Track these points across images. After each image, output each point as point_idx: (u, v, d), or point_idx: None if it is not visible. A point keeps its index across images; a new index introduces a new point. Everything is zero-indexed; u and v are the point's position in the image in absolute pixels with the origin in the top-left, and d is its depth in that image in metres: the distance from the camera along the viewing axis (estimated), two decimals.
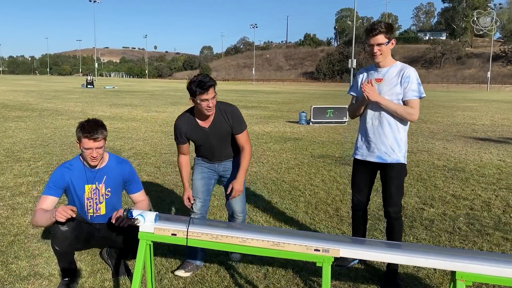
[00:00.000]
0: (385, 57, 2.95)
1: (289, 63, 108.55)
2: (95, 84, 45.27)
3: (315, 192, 5.36)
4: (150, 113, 15.52)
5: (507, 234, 4.05)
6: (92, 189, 2.83)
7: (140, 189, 3.05)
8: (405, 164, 3.05)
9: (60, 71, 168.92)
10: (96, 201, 2.85)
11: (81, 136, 2.68)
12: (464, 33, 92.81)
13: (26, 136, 9.48)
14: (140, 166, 6.68)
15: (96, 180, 2.83)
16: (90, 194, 2.83)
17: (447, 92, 50.42)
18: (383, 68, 2.98)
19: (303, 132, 11.51)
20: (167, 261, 3.31)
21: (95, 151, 2.71)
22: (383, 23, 2.91)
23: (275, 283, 3.01)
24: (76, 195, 2.81)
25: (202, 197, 3.22)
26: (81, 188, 2.81)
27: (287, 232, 2.32)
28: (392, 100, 2.92)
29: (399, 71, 2.94)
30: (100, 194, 2.85)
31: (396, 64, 2.98)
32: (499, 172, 6.74)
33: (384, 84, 2.95)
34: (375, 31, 2.87)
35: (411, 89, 2.90)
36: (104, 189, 2.86)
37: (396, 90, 2.92)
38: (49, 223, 2.58)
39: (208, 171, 3.25)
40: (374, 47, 2.90)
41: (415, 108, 2.90)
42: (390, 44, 2.93)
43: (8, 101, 20.24)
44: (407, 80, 2.90)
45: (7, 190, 5.14)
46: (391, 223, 3.09)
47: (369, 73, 3.08)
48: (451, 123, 14.23)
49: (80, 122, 2.73)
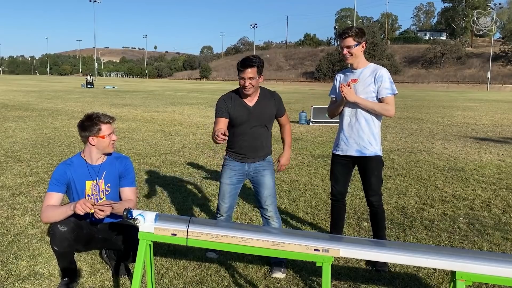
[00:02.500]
0: (356, 59, 3.19)
1: (289, 63, 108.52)
2: (95, 84, 45.26)
3: (315, 192, 5.36)
4: (150, 113, 15.52)
5: (507, 234, 4.05)
6: (93, 185, 2.83)
7: (131, 185, 2.96)
8: (382, 156, 3.32)
9: (60, 71, 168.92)
10: (96, 197, 2.85)
11: (101, 126, 2.76)
12: (464, 33, 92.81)
13: (26, 136, 9.49)
14: (140, 166, 6.68)
15: (97, 175, 2.84)
16: (91, 191, 2.83)
17: (447, 92, 50.42)
18: (358, 70, 3.22)
19: (303, 132, 11.51)
20: (167, 261, 3.31)
21: (114, 135, 2.84)
22: (354, 27, 3.17)
23: (275, 283, 3.01)
24: (77, 191, 2.81)
25: (229, 202, 3.28)
26: (82, 184, 2.81)
27: (287, 232, 2.32)
28: (367, 98, 3.17)
29: (372, 72, 3.18)
30: (100, 190, 2.85)
31: (369, 66, 3.23)
32: (499, 172, 6.75)
33: (359, 84, 3.20)
34: (344, 35, 3.13)
35: (384, 88, 3.13)
36: (104, 185, 2.86)
37: (370, 88, 3.16)
38: (64, 216, 2.58)
39: (237, 175, 3.24)
40: (344, 49, 3.15)
41: (391, 104, 3.14)
42: (361, 46, 3.16)
43: (8, 101, 20.24)
44: (380, 79, 3.14)
45: (7, 190, 5.14)
46: (375, 211, 3.33)
47: (345, 74, 3.32)
48: (451, 123, 14.23)
49: (87, 115, 2.79)
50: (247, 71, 2.95)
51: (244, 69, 2.96)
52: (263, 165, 3.22)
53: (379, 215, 3.33)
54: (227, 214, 3.30)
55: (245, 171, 3.22)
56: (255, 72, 2.97)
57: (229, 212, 3.31)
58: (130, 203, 2.87)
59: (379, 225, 3.35)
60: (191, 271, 3.16)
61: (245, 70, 2.95)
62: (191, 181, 5.83)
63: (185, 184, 5.66)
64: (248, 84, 2.98)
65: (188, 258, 3.38)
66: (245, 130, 3.13)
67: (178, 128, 11.46)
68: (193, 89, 41.99)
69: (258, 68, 2.98)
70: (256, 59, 2.99)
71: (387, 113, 3.14)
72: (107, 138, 2.79)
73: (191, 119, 13.97)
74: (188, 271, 3.16)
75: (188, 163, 7.00)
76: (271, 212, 3.24)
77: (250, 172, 3.22)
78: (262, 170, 3.21)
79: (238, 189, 3.31)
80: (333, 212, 3.52)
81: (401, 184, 5.82)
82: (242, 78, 2.98)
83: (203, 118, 14.13)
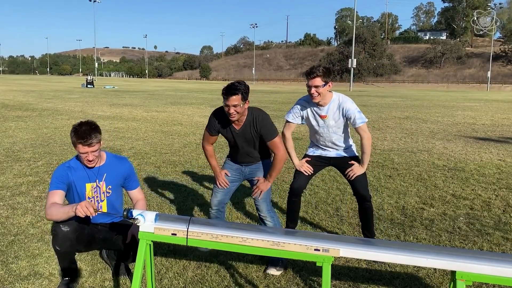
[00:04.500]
0: (323, 97, 3.27)
1: (289, 62, 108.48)
2: (95, 83, 45.26)
3: (315, 192, 5.36)
4: (150, 113, 15.52)
5: (507, 233, 4.05)
6: (93, 187, 2.82)
7: (138, 185, 3.05)
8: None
9: (60, 71, 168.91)
10: (97, 199, 2.85)
11: (75, 142, 2.66)
12: (464, 33, 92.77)
13: (26, 136, 9.48)
14: (140, 166, 6.68)
15: (97, 178, 2.83)
16: (92, 193, 2.83)
17: (447, 92, 50.42)
18: (325, 106, 3.35)
19: (303, 132, 11.51)
20: (167, 261, 3.31)
21: (90, 155, 2.71)
22: (321, 67, 3.22)
23: (275, 283, 3.01)
24: (78, 194, 2.81)
25: (220, 196, 3.35)
26: (82, 186, 2.80)
27: (287, 232, 2.32)
28: (340, 128, 3.40)
29: (338, 106, 3.33)
30: (101, 192, 2.85)
31: (333, 100, 3.34)
32: (499, 171, 6.74)
33: (329, 120, 3.36)
34: (312, 74, 3.18)
35: (356, 119, 3.29)
36: (105, 187, 2.86)
37: (340, 122, 3.37)
38: (66, 217, 2.56)
39: (235, 174, 3.34)
40: (312, 89, 3.20)
41: (366, 131, 3.34)
42: (327, 86, 3.24)
43: (8, 101, 20.24)
44: (349, 113, 3.30)
45: (7, 190, 5.14)
46: (366, 206, 3.47)
47: (312, 109, 3.40)
48: (451, 123, 14.23)
49: (73, 126, 2.70)
50: (231, 98, 2.89)
51: (228, 96, 2.89)
52: (258, 167, 3.32)
53: (369, 208, 3.50)
54: (216, 208, 3.35)
55: (241, 171, 3.34)
56: (240, 99, 2.91)
57: (219, 206, 3.35)
58: (141, 203, 2.96)
59: (368, 213, 3.52)
60: (191, 271, 3.16)
61: (229, 98, 2.89)
62: (191, 181, 5.83)
63: (185, 184, 5.66)
64: (233, 111, 2.94)
65: (188, 258, 3.38)
66: (235, 147, 3.23)
67: (178, 128, 11.46)
68: (193, 89, 41.99)
69: (242, 95, 2.93)
70: (241, 86, 2.93)
71: (370, 141, 3.38)
72: (81, 155, 2.71)
73: (191, 119, 13.97)
74: (188, 271, 3.16)
75: (188, 163, 7.00)
76: (263, 211, 3.30)
77: (246, 172, 3.34)
78: (256, 171, 3.31)
79: (232, 187, 3.38)
80: (291, 205, 3.62)
81: (401, 184, 5.82)
82: (226, 106, 2.94)
83: (203, 118, 14.13)
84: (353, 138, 3.75)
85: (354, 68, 48.04)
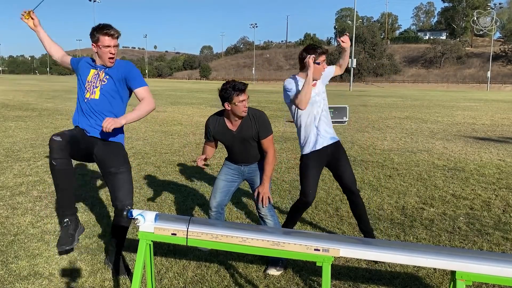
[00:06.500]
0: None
1: (289, 62, 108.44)
2: None
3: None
4: (150, 113, 15.52)
5: (507, 233, 4.05)
6: (95, 73, 2.98)
7: (142, 85, 3.02)
8: None
9: (60, 70, 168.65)
10: (93, 85, 2.96)
11: (100, 35, 2.85)
12: (464, 33, 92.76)
13: (26, 135, 9.49)
14: (140, 166, 6.68)
15: (101, 69, 2.99)
16: (91, 77, 2.98)
17: (447, 92, 50.41)
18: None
19: None
20: (167, 261, 3.31)
21: (113, 49, 2.89)
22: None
23: (275, 283, 3.01)
24: (81, 76, 3.01)
25: (219, 197, 3.33)
26: (87, 70, 3.00)
27: (287, 232, 2.32)
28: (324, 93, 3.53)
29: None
30: (98, 79, 2.97)
31: None
32: (499, 171, 6.75)
33: (318, 86, 3.48)
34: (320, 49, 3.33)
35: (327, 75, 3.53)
36: (103, 75, 2.96)
37: (322, 88, 3.52)
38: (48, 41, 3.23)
39: (233, 173, 3.35)
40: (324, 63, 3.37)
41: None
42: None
43: (8, 101, 20.24)
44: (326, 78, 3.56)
45: (7, 190, 5.14)
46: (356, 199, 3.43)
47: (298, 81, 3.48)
48: (451, 123, 14.23)
49: (93, 28, 2.90)
50: (246, 92, 3.07)
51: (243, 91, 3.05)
52: (257, 167, 3.33)
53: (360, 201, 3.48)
54: (216, 210, 3.34)
55: (240, 172, 3.34)
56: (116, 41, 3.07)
57: (218, 208, 3.34)
58: (144, 102, 2.98)
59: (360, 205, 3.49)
60: (191, 271, 3.16)
61: (245, 92, 3.06)
62: (191, 181, 5.83)
63: (185, 184, 5.66)
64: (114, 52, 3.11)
65: (188, 258, 3.38)
66: (232, 147, 3.26)
67: (178, 128, 11.47)
68: (193, 89, 41.99)
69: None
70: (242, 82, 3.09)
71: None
72: (104, 50, 2.88)
73: (191, 118, 13.98)
74: (188, 271, 3.16)
75: (188, 163, 7.00)
76: (264, 210, 3.30)
77: (245, 172, 3.34)
78: (255, 170, 3.32)
79: (231, 187, 3.37)
80: (297, 211, 3.54)
81: (401, 184, 5.82)
82: (243, 101, 3.05)
83: (203, 118, 14.14)
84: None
85: (354, 68, 48.08)
